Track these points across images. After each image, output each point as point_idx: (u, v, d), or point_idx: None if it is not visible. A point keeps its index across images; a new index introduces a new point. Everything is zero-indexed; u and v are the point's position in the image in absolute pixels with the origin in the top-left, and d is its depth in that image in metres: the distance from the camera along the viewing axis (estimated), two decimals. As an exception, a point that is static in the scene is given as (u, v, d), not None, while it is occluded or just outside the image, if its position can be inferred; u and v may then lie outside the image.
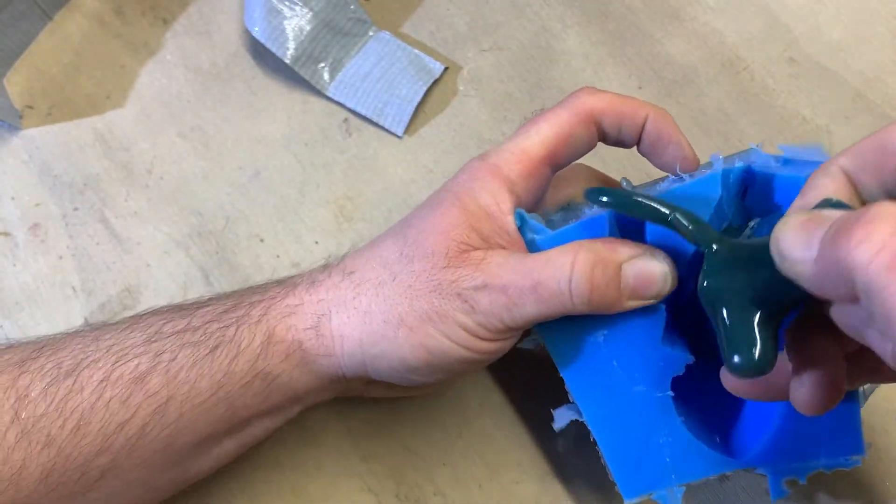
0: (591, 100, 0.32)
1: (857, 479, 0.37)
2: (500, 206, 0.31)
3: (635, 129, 0.32)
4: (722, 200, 0.31)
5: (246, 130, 0.45)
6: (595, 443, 0.32)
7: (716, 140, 0.44)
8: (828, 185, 0.25)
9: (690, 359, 0.32)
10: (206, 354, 0.30)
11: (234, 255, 0.43)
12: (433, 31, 0.47)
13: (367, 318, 0.30)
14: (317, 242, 0.43)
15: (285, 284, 0.33)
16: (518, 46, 0.47)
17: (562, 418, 0.33)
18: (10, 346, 0.31)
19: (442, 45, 0.47)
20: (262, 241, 0.43)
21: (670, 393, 0.32)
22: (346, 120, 0.45)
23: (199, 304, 0.32)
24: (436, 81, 0.46)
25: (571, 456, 0.38)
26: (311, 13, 0.45)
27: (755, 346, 0.25)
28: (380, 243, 0.32)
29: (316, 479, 0.38)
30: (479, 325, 0.30)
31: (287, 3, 0.44)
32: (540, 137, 0.32)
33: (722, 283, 0.27)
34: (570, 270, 0.29)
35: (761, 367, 0.25)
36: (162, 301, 0.41)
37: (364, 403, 0.39)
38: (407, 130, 0.45)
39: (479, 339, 0.30)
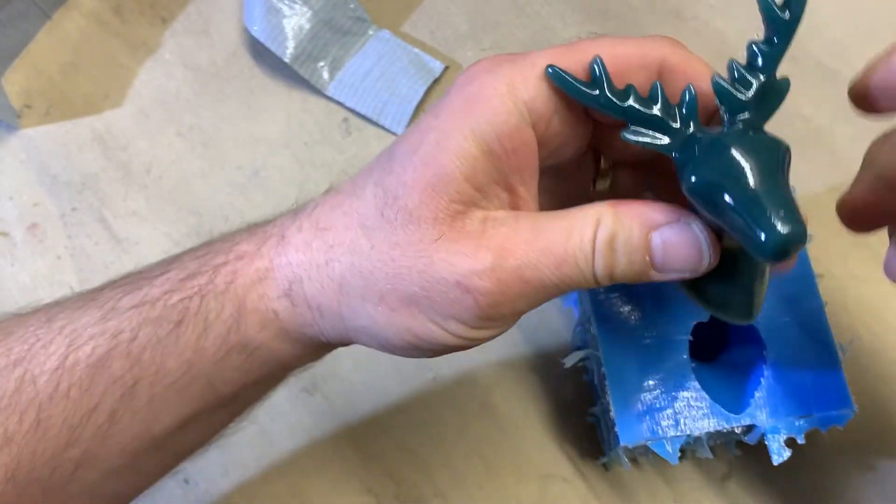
0: (669, 51, 0.25)
1: (857, 479, 0.37)
2: (500, 132, 0.24)
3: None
4: None
5: (245, 130, 0.45)
6: (604, 376, 0.33)
7: (717, 139, 0.44)
8: None
9: None
10: (171, 331, 0.27)
11: (233, 254, 0.42)
12: (433, 30, 0.47)
13: (342, 290, 0.26)
14: (316, 242, 0.43)
15: (254, 238, 0.28)
16: (518, 45, 0.46)
17: (573, 358, 0.35)
18: None
19: (442, 45, 0.47)
20: (261, 240, 0.43)
21: (689, 337, 0.33)
22: (345, 119, 0.45)
23: (161, 269, 0.28)
24: (436, 81, 0.46)
25: (571, 455, 0.38)
26: (310, 12, 0.44)
27: (792, 208, 0.22)
28: (360, 190, 0.26)
29: (315, 479, 0.38)
30: (481, 318, 0.25)
31: (286, 1, 0.44)
32: (573, 56, 0.25)
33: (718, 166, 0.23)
34: (593, 242, 0.24)
35: (804, 231, 0.22)
36: (160, 301, 0.41)
37: (364, 403, 0.39)
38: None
39: (477, 329, 0.25)
